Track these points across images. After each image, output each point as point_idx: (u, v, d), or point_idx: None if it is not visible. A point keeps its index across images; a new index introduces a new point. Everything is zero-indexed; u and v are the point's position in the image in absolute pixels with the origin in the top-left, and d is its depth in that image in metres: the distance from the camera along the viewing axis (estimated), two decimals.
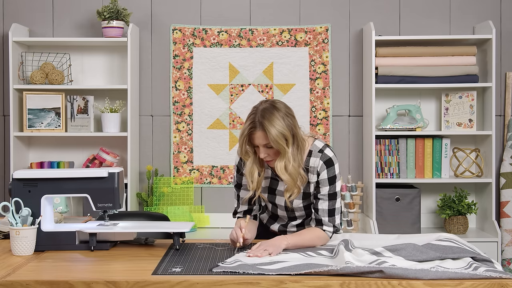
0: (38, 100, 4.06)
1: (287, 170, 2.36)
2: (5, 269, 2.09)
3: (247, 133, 2.35)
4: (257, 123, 2.32)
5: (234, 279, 1.95)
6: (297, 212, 2.54)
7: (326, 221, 2.42)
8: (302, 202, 2.50)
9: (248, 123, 2.35)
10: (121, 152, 4.23)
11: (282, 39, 4.25)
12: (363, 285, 1.92)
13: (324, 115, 4.27)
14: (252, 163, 2.43)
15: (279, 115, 2.33)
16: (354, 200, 4.10)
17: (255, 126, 2.32)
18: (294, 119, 2.40)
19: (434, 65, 4.04)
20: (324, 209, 2.43)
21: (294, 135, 2.37)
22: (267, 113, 2.33)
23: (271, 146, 2.34)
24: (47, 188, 2.39)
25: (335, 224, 2.44)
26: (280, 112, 2.34)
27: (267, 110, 2.34)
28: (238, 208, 2.59)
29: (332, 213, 2.44)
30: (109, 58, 4.26)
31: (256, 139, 2.35)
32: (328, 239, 2.44)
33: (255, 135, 2.34)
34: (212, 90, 4.28)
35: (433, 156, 4.11)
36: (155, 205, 4.17)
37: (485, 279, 1.92)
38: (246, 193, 2.53)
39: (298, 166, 2.39)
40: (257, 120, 2.32)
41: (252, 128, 2.33)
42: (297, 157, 2.38)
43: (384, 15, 4.26)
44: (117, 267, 2.15)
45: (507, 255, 4.04)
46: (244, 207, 2.58)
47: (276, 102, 2.40)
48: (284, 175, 2.37)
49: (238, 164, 2.55)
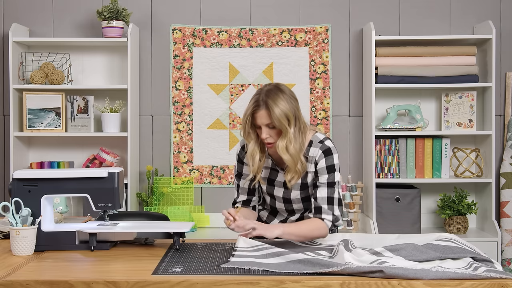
0: (38, 100, 4.06)
1: (288, 150, 2.38)
2: (5, 269, 2.09)
3: (250, 111, 2.38)
4: (261, 102, 2.36)
5: (234, 279, 1.95)
6: (295, 205, 2.55)
7: (325, 209, 2.41)
8: (300, 193, 2.51)
9: (252, 102, 2.39)
10: (121, 152, 4.23)
11: (282, 39, 4.25)
12: (363, 285, 1.92)
13: (324, 115, 4.27)
14: (254, 146, 2.45)
15: (283, 96, 2.38)
16: (354, 200, 4.11)
17: (259, 104, 2.36)
18: (297, 103, 2.44)
19: (434, 65, 4.04)
20: (323, 197, 2.42)
21: (297, 117, 2.41)
22: (272, 93, 2.37)
23: (273, 127, 2.38)
24: (47, 188, 2.39)
25: (334, 213, 2.42)
26: (284, 94, 2.39)
27: (271, 91, 2.38)
28: (237, 198, 2.61)
29: (331, 202, 2.43)
30: (109, 58, 4.26)
31: (259, 118, 2.37)
32: (327, 231, 2.41)
33: (258, 113, 2.37)
34: (212, 90, 4.28)
35: (433, 156, 4.11)
36: (155, 205, 4.17)
37: (485, 279, 1.92)
38: (246, 182, 2.56)
39: (299, 148, 2.41)
40: (261, 99, 2.36)
41: (256, 107, 2.37)
42: (298, 139, 2.40)
43: (384, 15, 4.26)
44: (117, 267, 2.15)
45: (507, 255, 4.04)
46: (243, 197, 2.60)
47: (280, 84, 2.44)
48: (285, 155, 2.39)
49: (240, 153, 2.59)
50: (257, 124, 2.40)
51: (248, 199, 2.60)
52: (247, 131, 2.43)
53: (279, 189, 2.55)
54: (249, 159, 2.48)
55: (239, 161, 2.60)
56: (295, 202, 2.54)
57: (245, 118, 2.40)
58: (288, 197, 2.53)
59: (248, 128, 2.42)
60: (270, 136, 2.40)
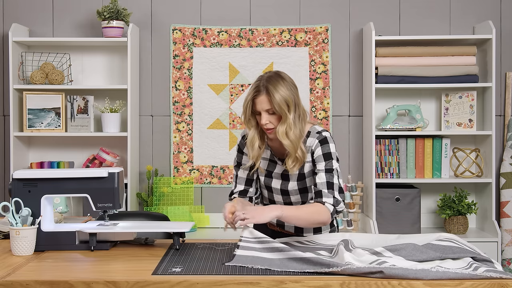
0: (38, 100, 4.06)
1: (288, 135, 2.40)
2: (5, 269, 2.09)
3: (251, 97, 2.41)
4: (261, 87, 2.39)
5: (234, 279, 1.95)
6: (292, 197, 2.55)
7: (326, 193, 2.38)
8: (297, 184, 2.51)
9: (252, 88, 2.42)
10: (121, 152, 4.23)
11: (282, 39, 4.25)
12: (363, 285, 1.92)
13: (324, 115, 4.27)
14: (254, 133, 2.48)
15: (284, 82, 2.41)
16: (354, 200, 4.11)
17: (260, 90, 2.39)
18: (297, 90, 2.47)
19: (434, 65, 4.04)
20: (322, 182, 2.40)
21: (296, 104, 2.44)
22: (272, 79, 2.40)
23: (273, 113, 2.40)
24: (47, 188, 2.39)
25: (334, 196, 2.38)
26: (284, 81, 2.42)
27: (272, 77, 2.42)
28: (235, 189, 2.62)
29: (331, 186, 2.40)
30: (109, 58, 4.26)
31: (259, 104, 2.40)
32: (329, 215, 2.36)
33: (259, 99, 2.39)
34: (212, 90, 4.28)
35: (433, 156, 4.11)
36: (155, 205, 4.17)
37: (485, 279, 1.92)
38: (245, 172, 2.58)
39: (299, 135, 2.43)
40: (262, 85, 2.39)
41: (257, 92, 2.40)
42: (298, 125, 2.43)
43: (384, 15, 4.26)
44: (117, 267, 2.15)
45: (507, 255, 4.04)
46: (241, 187, 2.60)
47: (280, 72, 2.48)
48: (285, 140, 2.40)
49: (240, 143, 2.61)
50: (257, 110, 2.42)
51: (245, 189, 2.60)
52: (247, 117, 2.45)
53: (276, 181, 2.55)
54: (248, 146, 2.50)
55: (238, 151, 2.62)
56: (293, 193, 2.54)
57: (246, 104, 2.43)
58: (286, 188, 2.53)
59: (249, 115, 2.45)
60: (270, 122, 2.41)
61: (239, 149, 2.62)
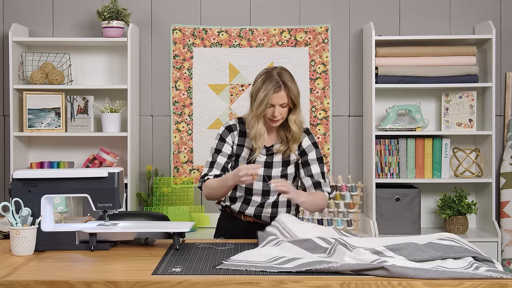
0: (38, 100, 4.06)
1: (296, 122, 2.70)
2: (5, 269, 2.09)
3: (272, 92, 2.61)
4: (281, 83, 2.63)
5: (234, 279, 1.95)
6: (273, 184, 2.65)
7: (324, 183, 2.74)
8: (281, 170, 2.74)
9: (271, 85, 2.61)
10: (121, 152, 4.23)
11: (282, 39, 4.25)
12: (363, 285, 1.92)
13: (324, 115, 4.27)
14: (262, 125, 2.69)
15: (292, 76, 2.69)
16: (354, 200, 4.10)
17: (280, 85, 2.62)
18: None
19: (434, 65, 4.04)
20: (318, 173, 2.74)
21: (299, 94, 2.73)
22: (286, 75, 2.66)
23: (285, 106, 2.65)
24: (47, 188, 2.39)
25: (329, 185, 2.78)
26: (291, 75, 2.70)
27: (283, 73, 2.66)
28: (209, 172, 2.75)
29: (324, 176, 2.76)
30: (109, 58, 4.26)
31: (277, 98, 2.63)
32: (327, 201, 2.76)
33: (278, 94, 2.62)
34: (212, 90, 4.28)
35: (433, 156, 4.11)
36: (155, 205, 4.17)
37: (485, 279, 1.92)
38: (223, 160, 2.75)
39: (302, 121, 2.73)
40: (281, 81, 2.63)
41: (277, 88, 2.62)
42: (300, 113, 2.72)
43: (384, 15, 4.26)
44: (117, 267, 2.15)
45: (507, 255, 4.04)
46: (217, 171, 2.75)
47: (283, 67, 2.72)
48: (294, 126, 2.69)
49: (223, 133, 2.78)
50: (272, 103, 2.63)
51: (220, 174, 2.74)
52: (263, 111, 2.64)
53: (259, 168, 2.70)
54: (256, 137, 2.68)
55: (221, 139, 2.78)
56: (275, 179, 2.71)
57: (266, 99, 2.61)
58: (269, 174, 2.73)
59: (266, 109, 2.64)
60: (280, 114, 2.66)
61: (221, 137, 2.79)
